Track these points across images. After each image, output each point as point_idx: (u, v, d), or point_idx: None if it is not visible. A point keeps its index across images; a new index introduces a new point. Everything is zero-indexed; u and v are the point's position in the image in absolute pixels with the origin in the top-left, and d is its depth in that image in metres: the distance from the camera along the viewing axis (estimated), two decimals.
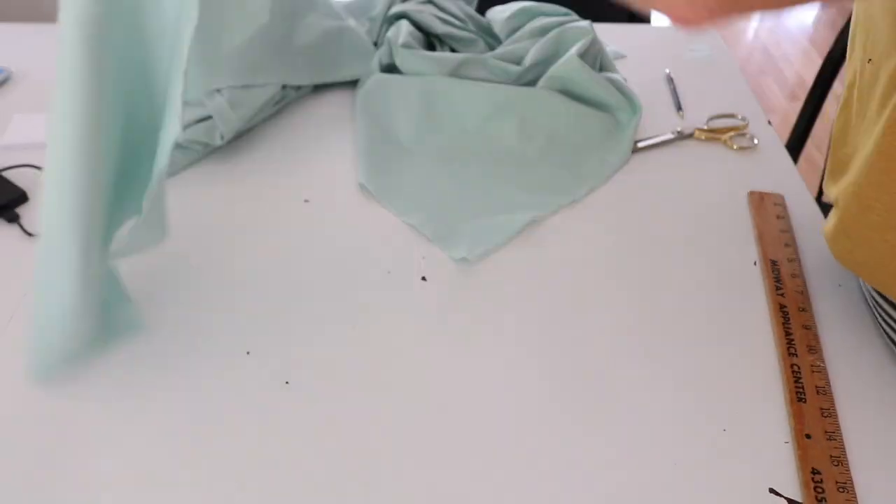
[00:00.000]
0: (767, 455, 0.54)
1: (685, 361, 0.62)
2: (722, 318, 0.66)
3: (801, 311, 0.66)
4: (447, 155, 0.83)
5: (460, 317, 0.65)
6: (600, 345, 0.63)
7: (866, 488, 0.52)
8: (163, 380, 0.59)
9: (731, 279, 0.70)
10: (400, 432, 0.56)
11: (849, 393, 0.59)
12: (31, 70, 0.97)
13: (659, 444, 0.55)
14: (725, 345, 0.63)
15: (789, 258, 0.72)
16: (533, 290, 0.68)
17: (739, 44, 2.71)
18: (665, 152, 0.86)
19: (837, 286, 0.69)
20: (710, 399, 0.59)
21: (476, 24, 0.99)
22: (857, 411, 0.57)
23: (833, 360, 0.62)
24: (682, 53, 1.03)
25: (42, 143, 0.84)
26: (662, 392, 0.59)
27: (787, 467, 0.54)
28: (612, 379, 0.60)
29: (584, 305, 0.66)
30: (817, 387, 0.59)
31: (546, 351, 0.62)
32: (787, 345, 0.63)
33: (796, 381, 0.59)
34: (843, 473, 0.53)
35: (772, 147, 0.87)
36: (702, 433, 0.56)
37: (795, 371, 0.60)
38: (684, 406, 0.58)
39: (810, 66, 2.54)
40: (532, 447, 0.55)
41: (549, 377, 0.60)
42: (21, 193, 0.77)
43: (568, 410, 0.57)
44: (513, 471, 0.53)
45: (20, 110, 0.89)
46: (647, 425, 0.56)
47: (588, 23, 0.90)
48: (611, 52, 1.02)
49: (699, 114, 0.91)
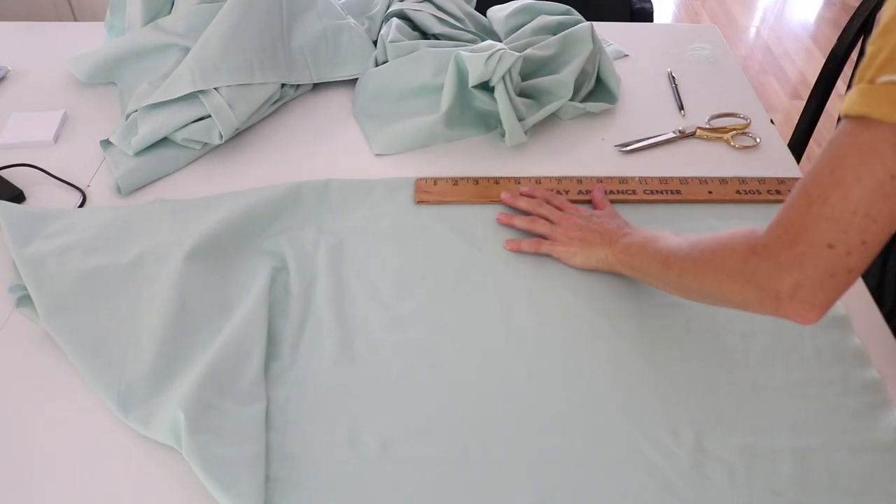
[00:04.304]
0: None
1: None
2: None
3: None
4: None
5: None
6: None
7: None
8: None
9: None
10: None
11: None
12: (29, 69, 0.97)
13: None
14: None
15: None
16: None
17: (741, 42, 2.70)
18: (667, 151, 0.85)
19: None
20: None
21: (475, 23, 0.99)
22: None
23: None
24: (684, 52, 1.02)
25: (38, 142, 0.84)
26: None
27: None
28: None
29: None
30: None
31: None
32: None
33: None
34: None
35: (774, 146, 0.86)
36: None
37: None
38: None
39: (813, 64, 2.53)
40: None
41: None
42: (18, 192, 0.77)
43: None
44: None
45: (17, 109, 0.89)
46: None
47: (589, 24, 0.89)
48: (612, 51, 1.01)
49: (701, 113, 0.91)
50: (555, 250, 0.70)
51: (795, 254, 0.48)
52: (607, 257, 0.67)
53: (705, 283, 0.55)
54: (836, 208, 0.46)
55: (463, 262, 0.70)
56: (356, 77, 0.94)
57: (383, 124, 0.87)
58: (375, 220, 0.75)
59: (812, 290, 0.48)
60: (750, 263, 0.51)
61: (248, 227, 0.71)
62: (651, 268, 0.62)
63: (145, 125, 0.80)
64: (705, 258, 0.55)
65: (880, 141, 0.45)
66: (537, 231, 0.72)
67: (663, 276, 0.60)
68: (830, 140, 0.48)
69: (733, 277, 0.52)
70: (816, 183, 0.48)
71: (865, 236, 0.46)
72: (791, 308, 0.49)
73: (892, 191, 0.45)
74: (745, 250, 0.52)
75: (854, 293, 0.68)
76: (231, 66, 0.82)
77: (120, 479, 0.53)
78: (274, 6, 0.88)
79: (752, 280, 0.51)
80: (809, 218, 0.48)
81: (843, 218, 0.46)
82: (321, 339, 0.63)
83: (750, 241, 0.52)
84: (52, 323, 0.61)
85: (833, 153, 0.47)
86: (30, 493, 0.52)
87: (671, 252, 0.59)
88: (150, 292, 0.64)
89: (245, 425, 0.54)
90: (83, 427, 0.56)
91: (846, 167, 0.46)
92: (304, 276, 0.68)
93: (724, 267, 0.53)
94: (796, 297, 0.48)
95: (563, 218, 0.72)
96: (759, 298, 0.51)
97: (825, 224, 0.47)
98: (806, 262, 0.48)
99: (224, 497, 0.50)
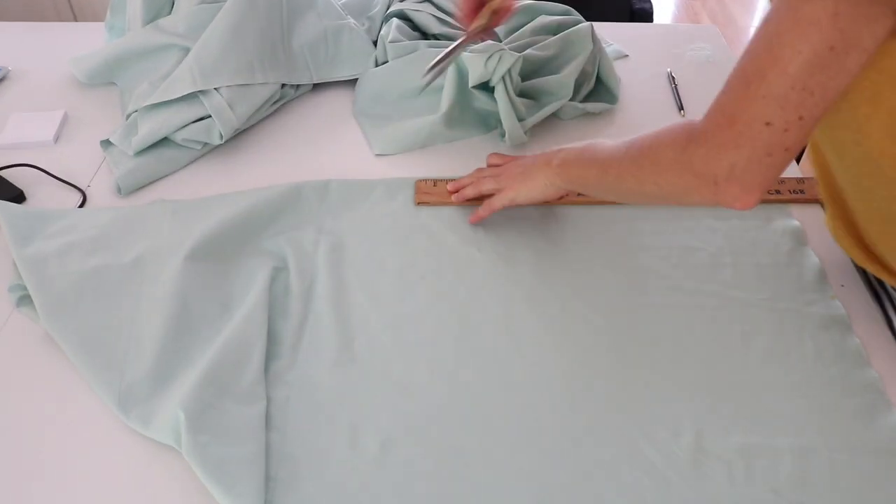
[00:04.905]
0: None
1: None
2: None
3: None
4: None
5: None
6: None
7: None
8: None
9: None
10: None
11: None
12: (29, 69, 0.97)
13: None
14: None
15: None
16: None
17: (741, 42, 2.70)
18: None
19: (840, 287, 0.68)
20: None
21: None
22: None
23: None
24: (683, 53, 1.02)
25: (39, 143, 0.84)
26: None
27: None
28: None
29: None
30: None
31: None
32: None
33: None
34: None
35: None
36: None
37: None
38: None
39: None
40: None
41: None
42: (19, 192, 0.77)
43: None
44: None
45: (18, 109, 0.89)
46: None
47: (588, 25, 0.89)
48: (613, 52, 1.01)
49: (701, 113, 0.90)
50: (503, 198, 0.70)
51: (733, 134, 0.48)
52: (548, 178, 0.67)
53: (644, 180, 0.55)
54: (773, 85, 0.46)
55: (463, 263, 0.70)
56: (356, 77, 0.94)
57: (383, 124, 0.87)
58: (375, 220, 0.75)
59: (749, 169, 0.47)
60: (688, 151, 0.51)
61: (248, 227, 0.71)
62: (590, 176, 0.61)
63: (145, 125, 0.80)
64: (642, 154, 0.55)
65: (820, 10, 0.44)
66: (484, 190, 0.73)
67: (602, 181, 0.60)
68: (765, 19, 0.48)
69: (671, 168, 0.52)
70: (753, 62, 0.48)
71: (802, 111, 0.46)
72: (728, 191, 0.48)
73: (829, 62, 0.45)
74: (684, 139, 0.51)
75: (854, 293, 0.68)
76: (231, 67, 0.83)
77: (120, 479, 0.53)
78: (274, 6, 0.88)
79: (690, 168, 0.50)
80: (747, 98, 0.47)
81: (780, 94, 0.46)
82: (321, 339, 0.63)
83: (687, 130, 0.51)
84: (53, 323, 0.61)
85: (770, 31, 0.47)
86: (30, 492, 0.52)
87: (608, 156, 0.59)
88: (151, 292, 0.64)
89: (245, 425, 0.54)
90: (83, 427, 0.56)
91: (784, 43, 0.46)
92: (304, 277, 0.68)
93: (662, 160, 0.53)
94: (732, 176, 0.48)
95: (502, 170, 0.73)
96: (696, 185, 0.50)
97: (762, 102, 0.47)
98: (743, 141, 0.47)
99: (224, 497, 0.50)
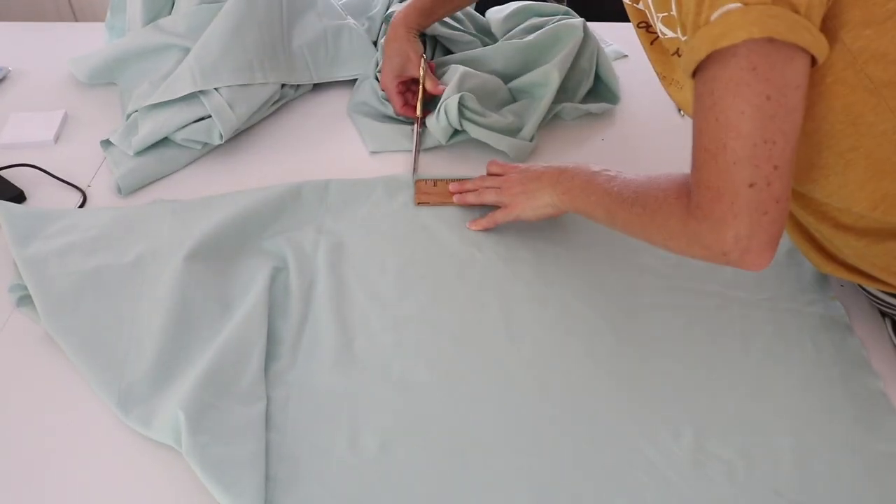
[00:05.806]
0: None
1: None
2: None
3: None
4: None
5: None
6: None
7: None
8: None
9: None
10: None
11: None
12: (29, 69, 0.97)
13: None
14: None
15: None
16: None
17: None
18: (667, 151, 0.85)
19: (840, 287, 0.69)
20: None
21: (475, 24, 0.99)
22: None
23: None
24: None
25: (39, 142, 0.84)
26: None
27: None
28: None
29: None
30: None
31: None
32: None
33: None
34: None
35: None
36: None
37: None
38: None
39: None
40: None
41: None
42: (19, 192, 0.77)
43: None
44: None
45: (18, 109, 0.89)
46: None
47: (581, 21, 0.89)
48: (612, 52, 1.01)
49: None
50: (508, 214, 0.72)
51: (726, 205, 0.49)
52: (553, 201, 0.69)
53: (652, 238, 0.58)
54: (737, 149, 0.48)
55: (462, 263, 0.70)
56: (356, 77, 0.94)
57: (378, 122, 0.87)
58: (375, 220, 0.75)
59: (752, 235, 0.49)
60: (690, 226, 0.52)
61: (248, 227, 0.71)
62: (597, 215, 0.64)
63: (146, 125, 0.80)
64: (648, 216, 0.57)
65: (740, 70, 0.47)
66: (487, 202, 0.74)
67: (609, 223, 0.63)
68: (697, 97, 0.50)
69: (679, 238, 0.54)
70: (709, 137, 0.49)
71: (774, 160, 0.48)
72: (742, 261, 0.51)
73: (774, 109, 0.47)
74: (682, 213, 0.53)
75: (854, 293, 0.68)
76: (231, 67, 0.83)
77: (120, 478, 0.53)
78: (274, 7, 0.88)
79: (697, 241, 0.52)
80: (719, 169, 0.49)
81: (747, 154, 0.48)
82: (321, 339, 0.63)
83: (683, 203, 0.53)
84: (53, 323, 0.61)
85: (708, 106, 0.49)
86: (30, 492, 0.52)
87: (613, 201, 0.61)
88: (151, 292, 0.64)
89: (245, 425, 0.54)
90: (83, 427, 0.56)
91: (726, 109, 0.48)
92: (304, 277, 0.68)
93: (667, 227, 0.55)
94: (739, 247, 0.50)
95: (503, 181, 0.74)
96: (707, 256, 0.52)
97: (736, 167, 0.48)
98: (737, 209, 0.49)
99: (224, 497, 0.50)
